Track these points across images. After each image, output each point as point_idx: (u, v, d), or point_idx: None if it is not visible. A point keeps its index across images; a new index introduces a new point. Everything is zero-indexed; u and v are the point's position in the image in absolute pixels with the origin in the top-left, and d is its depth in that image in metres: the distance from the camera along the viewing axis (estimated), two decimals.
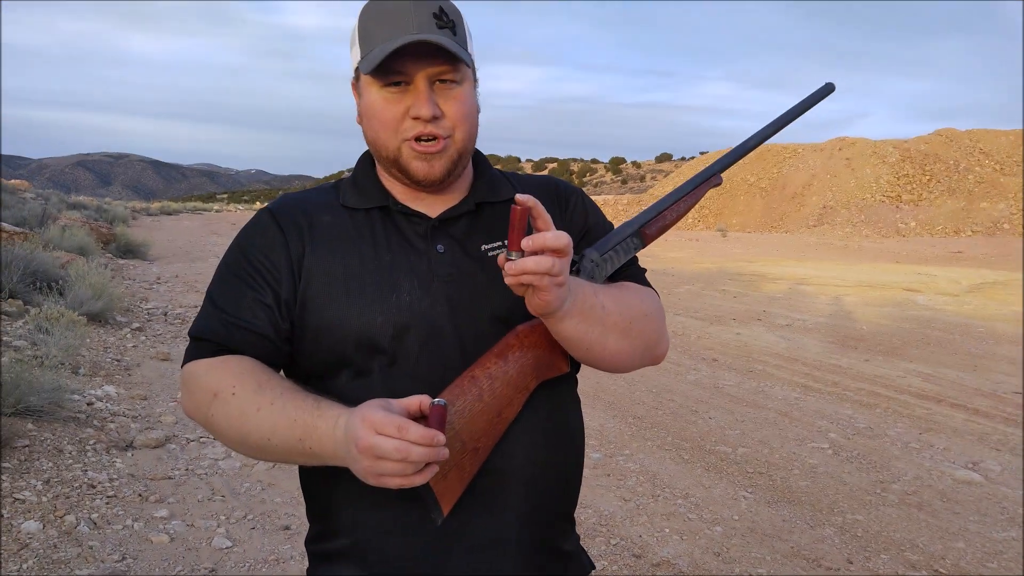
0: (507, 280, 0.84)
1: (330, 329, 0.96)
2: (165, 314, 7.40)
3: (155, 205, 41.67)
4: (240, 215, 39.36)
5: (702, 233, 26.61)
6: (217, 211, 47.75)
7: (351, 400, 0.94)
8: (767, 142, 1.19)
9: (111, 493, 3.15)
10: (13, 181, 22.82)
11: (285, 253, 0.99)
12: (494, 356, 0.95)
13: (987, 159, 30.80)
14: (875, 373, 6.04)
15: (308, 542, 1.07)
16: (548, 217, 0.84)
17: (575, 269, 1.00)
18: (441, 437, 0.80)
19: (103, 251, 11.57)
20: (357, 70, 0.99)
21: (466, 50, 0.97)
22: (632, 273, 1.10)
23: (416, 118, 0.95)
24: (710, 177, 1.12)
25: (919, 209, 28.10)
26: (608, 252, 1.04)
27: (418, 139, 0.96)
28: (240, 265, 1.00)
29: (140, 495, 3.18)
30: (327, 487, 1.01)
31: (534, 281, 0.82)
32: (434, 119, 0.95)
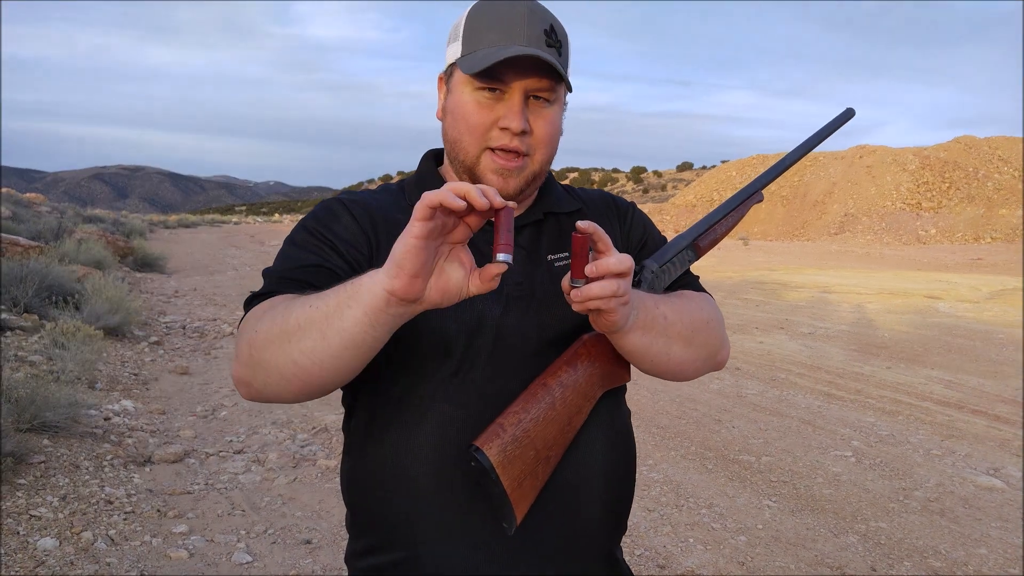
0: (574, 307, 0.83)
1: (402, 329, 0.92)
2: (183, 327, 7.43)
3: (173, 218, 42.02)
4: (259, 227, 39.63)
5: (724, 242, 26.52)
6: (236, 223, 48.16)
7: (413, 400, 0.94)
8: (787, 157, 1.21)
9: (129, 509, 3.13)
10: (28, 195, 23.02)
11: (365, 240, 0.97)
12: (564, 364, 0.94)
13: (1006, 166, 30.56)
14: (897, 380, 5.97)
15: (352, 557, 1.03)
16: (608, 240, 0.82)
17: (636, 280, 1.01)
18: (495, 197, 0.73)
19: (120, 264, 11.65)
20: (452, 66, 0.98)
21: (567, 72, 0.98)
22: (688, 282, 1.10)
23: (505, 129, 0.94)
24: (753, 194, 1.15)
25: (939, 216, 27.89)
26: (666, 264, 1.05)
27: (501, 150, 0.95)
28: (309, 242, 0.96)
29: (158, 510, 3.16)
30: (383, 492, 0.97)
31: (600, 305, 0.82)
32: (522, 134, 0.94)
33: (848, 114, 1.20)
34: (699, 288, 1.11)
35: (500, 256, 0.74)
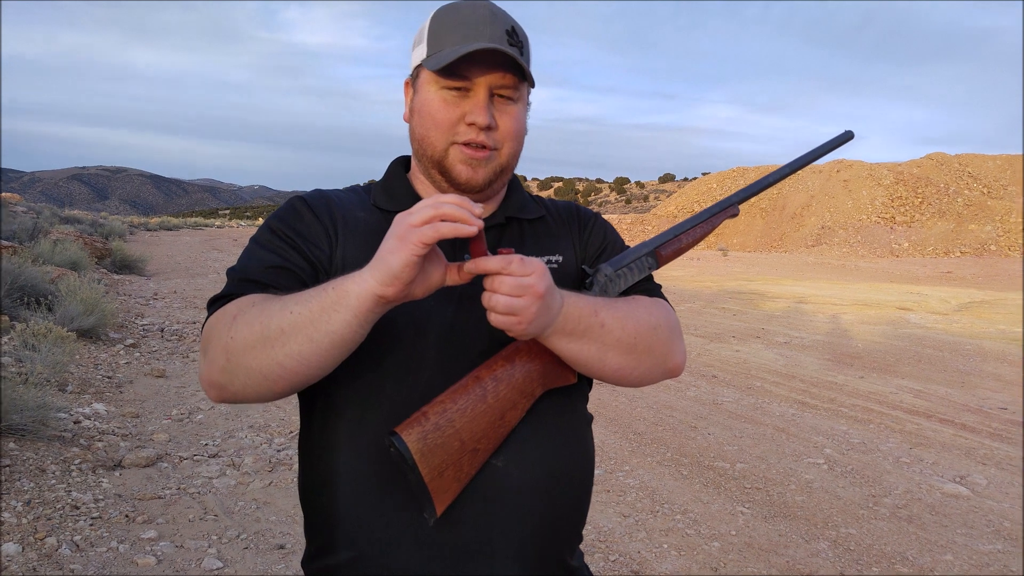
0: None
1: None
2: (161, 330, 7.34)
3: (154, 220, 41.52)
4: (242, 231, 39.26)
5: (703, 252, 26.74)
6: (219, 227, 47.65)
7: (362, 400, 0.95)
8: (770, 169, 1.20)
9: (96, 514, 3.07)
10: (4, 194, 22.69)
11: (326, 237, 0.99)
12: (502, 359, 0.95)
13: (975, 182, 31.20)
14: (869, 390, 6.05)
15: (306, 561, 1.03)
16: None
17: (588, 282, 1.03)
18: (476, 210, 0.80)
19: (97, 266, 11.49)
20: (418, 68, 1.01)
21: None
22: (647, 289, 1.10)
23: (471, 124, 0.96)
24: (727, 207, 1.15)
25: (912, 230, 28.37)
26: (622, 268, 1.05)
27: (467, 144, 0.97)
28: (272, 243, 0.98)
29: (127, 516, 3.11)
30: (329, 493, 0.97)
31: (501, 322, 0.86)
32: (488, 129, 0.97)
33: (847, 136, 1.21)
34: (658, 295, 1.10)
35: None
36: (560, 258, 1.07)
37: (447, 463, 0.88)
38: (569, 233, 1.11)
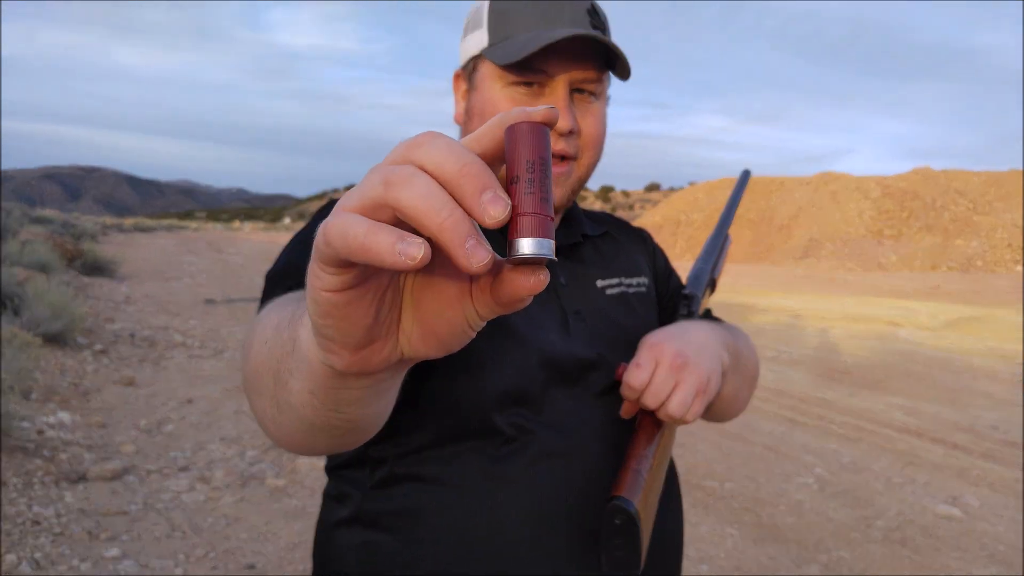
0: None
1: (471, 371, 0.76)
2: (132, 336, 7.14)
3: (128, 221, 41.06)
4: (218, 235, 38.90)
5: (689, 264, 26.88)
6: (195, 229, 47.21)
7: (470, 473, 0.77)
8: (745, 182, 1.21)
9: (58, 530, 2.93)
10: None
11: None
12: None
13: (961, 198, 31.52)
14: (860, 407, 5.98)
15: None
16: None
17: (691, 310, 0.96)
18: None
19: (67, 268, 11.24)
20: (474, 59, 0.82)
21: None
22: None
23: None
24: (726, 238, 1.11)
25: (899, 244, 28.61)
26: (704, 295, 1.00)
27: None
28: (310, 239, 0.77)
29: (90, 532, 2.96)
30: (456, 561, 0.76)
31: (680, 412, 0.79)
32: (570, 134, 0.79)
33: (746, 175, 1.17)
34: None
35: (524, 247, 0.32)
36: (647, 280, 0.94)
37: (648, 525, 0.76)
38: (639, 251, 0.98)
